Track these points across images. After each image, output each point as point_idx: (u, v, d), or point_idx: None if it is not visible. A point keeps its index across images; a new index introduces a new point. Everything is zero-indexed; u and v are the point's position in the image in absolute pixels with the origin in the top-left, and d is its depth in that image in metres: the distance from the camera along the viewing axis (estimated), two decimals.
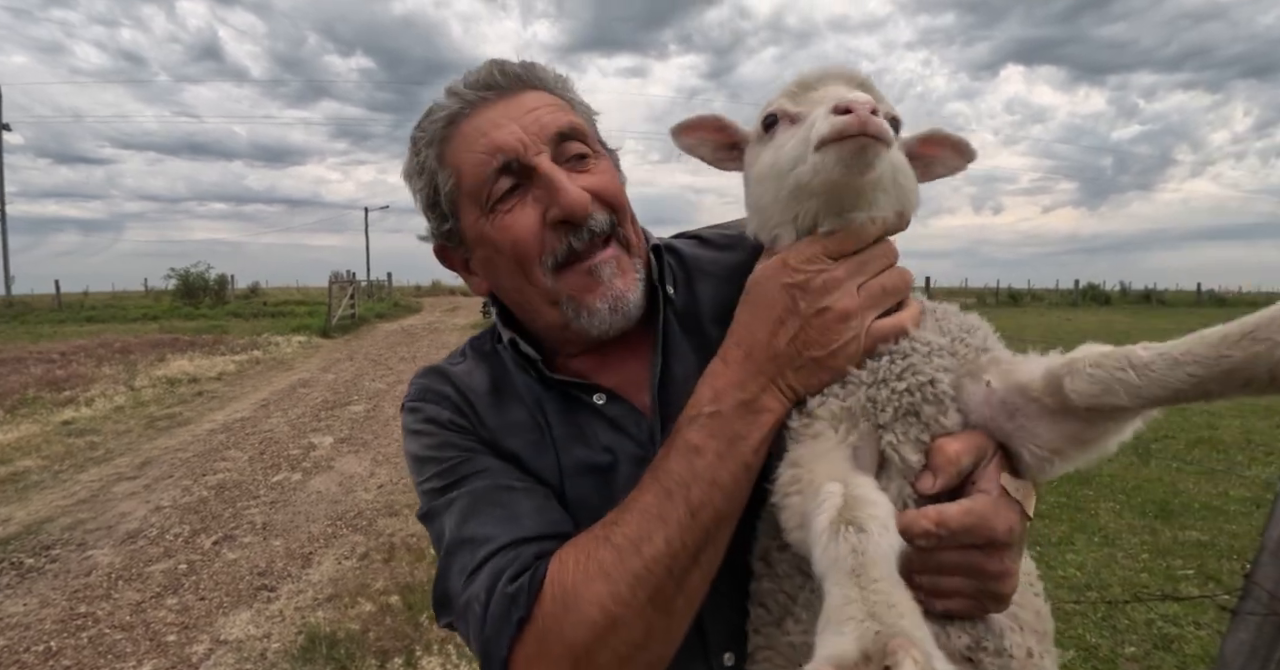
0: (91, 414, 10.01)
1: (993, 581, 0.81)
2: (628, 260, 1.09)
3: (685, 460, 0.88)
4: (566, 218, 1.01)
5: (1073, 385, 0.76)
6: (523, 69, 1.10)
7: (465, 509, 0.99)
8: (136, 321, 25.55)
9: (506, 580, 0.88)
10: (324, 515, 6.07)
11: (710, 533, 0.87)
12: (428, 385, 1.17)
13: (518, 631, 0.85)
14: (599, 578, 0.84)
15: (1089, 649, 3.77)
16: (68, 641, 4.11)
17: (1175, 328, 0.78)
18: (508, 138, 1.02)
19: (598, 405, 1.10)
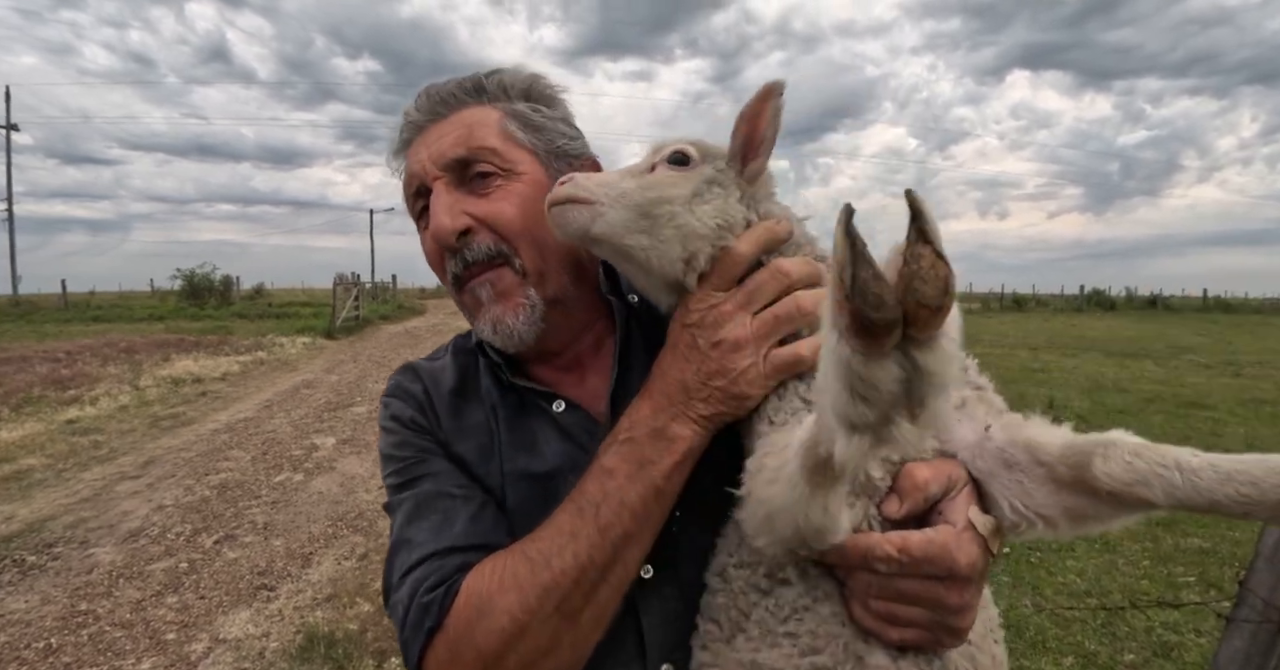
0: (96, 413, 10.05)
1: (951, 615, 0.80)
2: (516, 285, 1.09)
3: (598, 482, 0.93)
4: (436, 242, 1.09)
5: (1105, 468, 0.74)
6: (456, 88, 1.14)
7: (410, 511, 1.05)
8: (142, 321, 25.66)
9: (425, 590, 0.93)
10: (325, 516, 6.08)
11: (618, 550, 0.91)
12: (400, 382, 1.22)
13: (428, 639, 0.90)
14: (512, 588, 0.89)
15: (1088, 656, 3.75)
16: (68, 639, 4.12)
17: (1181, 333, 0.79)
18: (415, 166, 1.12)
19: (555, 413, 1.12)
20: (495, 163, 1.09)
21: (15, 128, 41.48)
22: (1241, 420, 9.54)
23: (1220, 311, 42.18)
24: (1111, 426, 0.78)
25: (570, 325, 1.15)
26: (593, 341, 1.20)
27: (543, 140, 1.15)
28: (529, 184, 1.11)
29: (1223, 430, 8.99)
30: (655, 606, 1.01)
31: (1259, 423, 9.29)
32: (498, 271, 1.09)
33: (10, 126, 41.01)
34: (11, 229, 41.35)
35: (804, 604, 0.87)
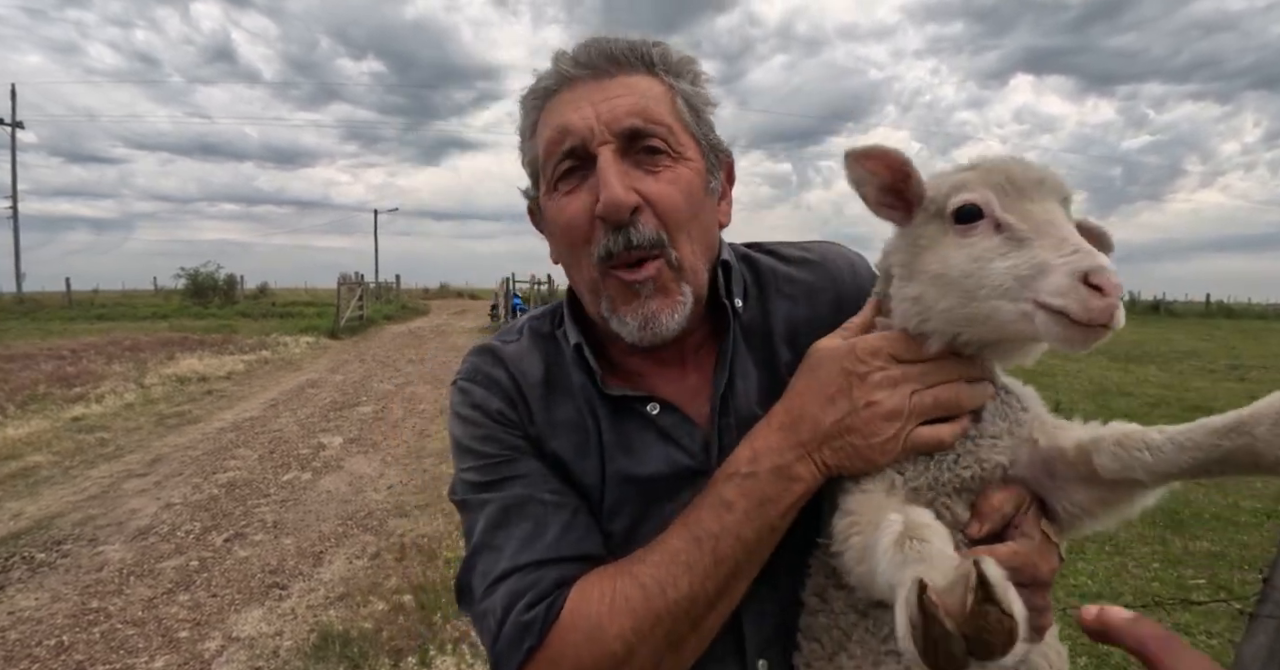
0: (102, 411, 10.06)
1: (1035, 616, 0.85)
2: (674, 285, 1.04)
3: (716, 514, 0.92)
4: (603, 215, 0.99)
5: (1099, 461, 0.83)
6: (628, 49, 1.04)
7: (496, 514, 1.01)
8: (146, 320, 25.69)
9: (524, 606, 0.92)
10: (334, 515, 6.08)
11: (730, 583, 0.92)
12: (479, 366, 1.16)
13: (527, 657, 0.90)
14: (625, 613, 0.89)
15: (1101, 656, 3.76)
16: (79, 636, 4.12)
17: (1185, 338, 0.82)
18: (578, 122, 1.00)
19: (651, 415, 1.08)
20: (670, 141, 1.02)
21: (20, 125, 41.56)
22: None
23: (1223, 317, 42.14)
24: None
25: (691, 324, 1.08)
26: (698, 339, 1.15)
27: (702, 129, 1.08)
28: (695, 172, 1.05)
29: None
30: (753, 606, 1.01)
31: None
32: (656, 264, 1.02)
33: (15, 124, 41.08)
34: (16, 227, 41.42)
35: None
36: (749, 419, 1.03)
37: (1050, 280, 0.76)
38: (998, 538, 0.89)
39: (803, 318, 1.14)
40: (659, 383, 1.13)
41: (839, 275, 1.19)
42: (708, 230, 1.08)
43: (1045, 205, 0.84)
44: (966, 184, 0.88)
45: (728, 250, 1.18)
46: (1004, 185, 0.86)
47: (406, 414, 10.16)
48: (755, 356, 1.12)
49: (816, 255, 1.22)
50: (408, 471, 7.28)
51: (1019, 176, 0.86)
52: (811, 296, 1.17)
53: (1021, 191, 0.85)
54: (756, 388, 1.08)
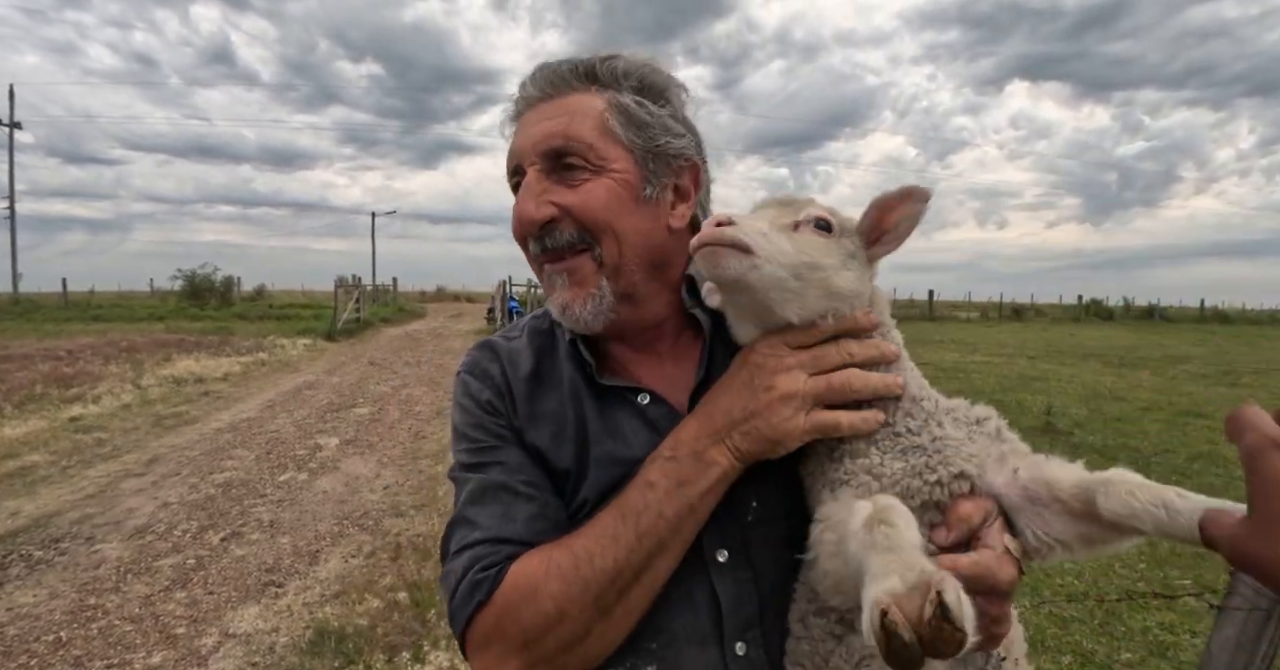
0: (99, 411, 10.09)
1: (992, 624, 0.93)
2: (591, 274, 1.13)
3: (641, 493, 1.01)
4: (515, 223, 1.15)
5: (1106, 503, 0.87)
6: (571, 70, 1.15)
7: (475, 492, 1.13)
8: (142, 321, 25.68)
9: (479, 568, 1.04)
10: (331, 514, 6.13)
11: (651, 557, 1.00)
12: (478, 359, 1.27)
13: (476, 610, 1.01)
14: (557, 578, 0.99)
15: (1085, 655, 3.81)
16: (78, 632, 4.17)
17: (1178, 343, 0.87)
18: (517, 146, 1.15)
19: (641, 405, 1.16)
20: (587, 157, 1.11)
21: (18, 126, 41.53)
22: None
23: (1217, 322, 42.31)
24: (1108, 434, 0.90)
25: (641, 318, 1.18)
26: (671, 330, 1.23)
27: (643, 138, 1.14)
28: (618, 180, 1.12)
29: (1219, 438, 9.04)
30: (731, 589, 1.07)
31: None
32: (579, 259, 1.13)
33: (13, 125, 41.06)
34: (13, 227, 41.37)
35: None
36: None
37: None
38: (964, 546, 0.95)
39: None
40: (643, 372, 1.22)
41: None
42: (642, 233, 1.15)
43: (755, 212, 1.06)
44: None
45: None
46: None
47: (403, 415, 10.21)
48: (733, 352, 1.17)
49: None
50: (404, 472, 7.33)
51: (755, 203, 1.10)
52: None
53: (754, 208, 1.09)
54: None
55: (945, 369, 15.50)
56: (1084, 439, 8.94)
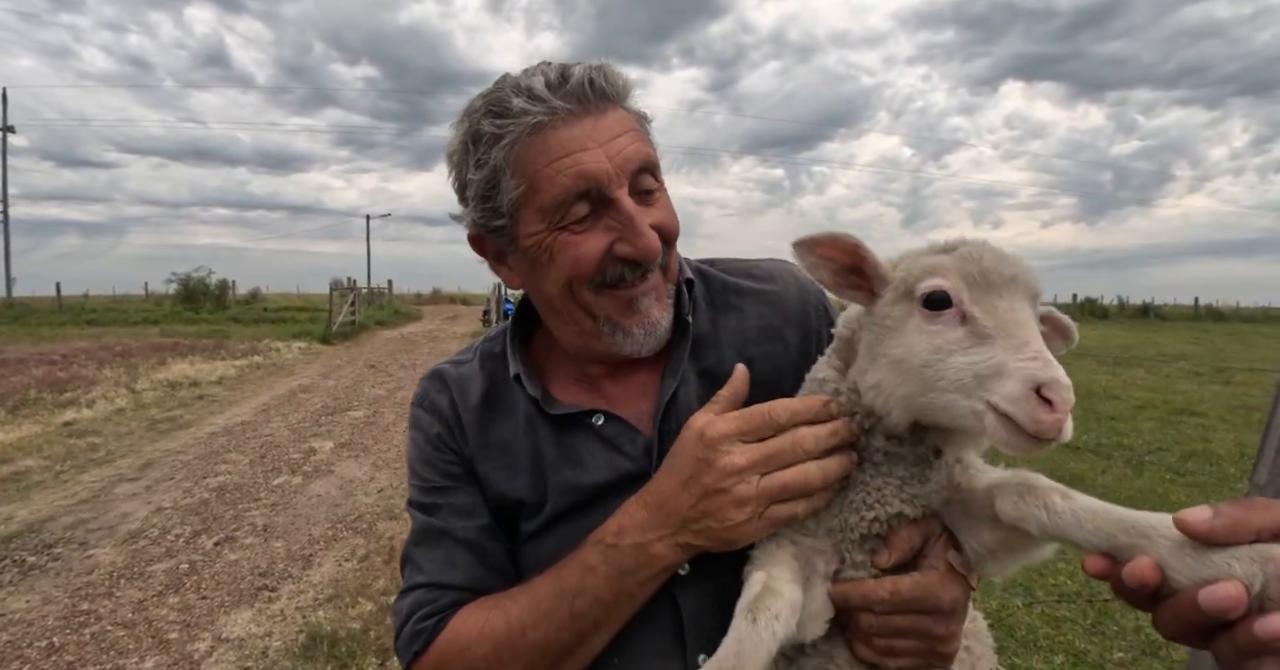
0: (93, 415, 10.07)
1: (939, 643, 0.94)
2: (664, 287, 1.15)
3: (580, 574, 1.01)
4: (639, 260, 1.06)
5: (1000, 505, 0.86)
6: (607, 82, 1.07)
7: (420, 533, 1.19)
8: (137, 325, 25.63)
9: (420, 617, 1.09)
10: (324, 518, 6.12)
11: (585, 635, 1.02)
12: (427, 391, 1.27)
13: (414, 659, 1.08)
14: (489, 642, 1.04)
15: (1078, 654, 3.82)
16: (70, 638, 4.16)
17: (1173, 341, 0.86)
18: (595, 167, 1.02)
19: (595, 426, 1.15)
20: (657, 176, 1.11)
21: (11, 130, 41.44)
22: (1231, 427, 9.64)
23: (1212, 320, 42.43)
24: (1102, 433, 0.89)
25: None
26: None
27: (654, 147, 1.15)
28: (666, 191, 1.14)
29: (1212, 436, 9.09)
30: (693, 603, 1.07)
31: (1248, 429, 9.38)
32: (656, 276, 1.12)
33: (6, 128, 40.95)
34: (6, 231, 41.30)
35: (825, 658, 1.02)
36: None
37: (1005, 385, 0.76)
38: (911, 564, 0.96)
39: (751, 328, 1.23)
40: (613, 388, 1.22)
41: (785, 291, 1.27)
42: None
43: (1014, 303, 0.84)
44: (939, 269, 0.88)
45: (687, 267, 1.26)
46: (976, 277, 0.85)
47: (398, 418, 10.18)
48: (699, 365, 1.19)
49: (765, 272, 1.31)
50: (398, 475, 7.31)
51: (992, 270, 0.85)
52: (760, 309, 1.25)
53: (992, 286, 0.85)
54: (696, 395, 1.15)
55: None
56: (1078, 438, 8.93)
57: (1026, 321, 0.82)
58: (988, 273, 0.85)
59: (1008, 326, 0.81)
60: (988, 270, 0.85)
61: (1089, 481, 7.13)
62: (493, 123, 1.05)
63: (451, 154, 1.14)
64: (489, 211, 1.10)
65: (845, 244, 0.94)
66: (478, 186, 1.09)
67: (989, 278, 0.85)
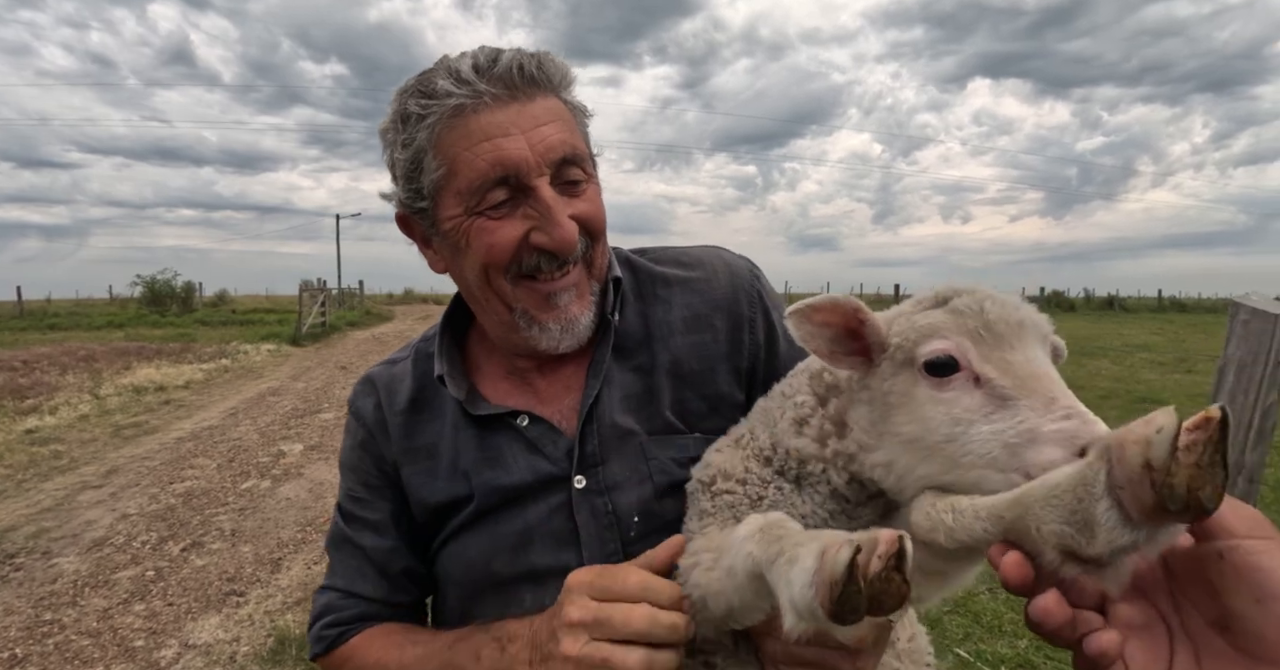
0: (55, 422, 9.88)
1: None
2: (586, 284, 1.14)
3: (466, 658, 1.03)
4: (554, 250, 1.06)
5: (914, 519, 0.77)
6: (538, 69, 1.06)
7: (338, 538, 1.26)
8: (101, 329, 25.15)
9: (327, 623, 1.19)
10: (294, 521, 6.06)
11: None
12: (356, 394, 1.30)
13: (314, 658, 1.21)
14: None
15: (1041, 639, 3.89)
16: (33, 648, 4.09)
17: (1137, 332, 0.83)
18: (514, 153, 1.01)
19: (520, 427, 1.16)
20: (585, 167, 1.09)
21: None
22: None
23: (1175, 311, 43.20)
24: None
25: None
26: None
27: (586, 135, 1.15)
28: (597, 185, 1.13)
29: None
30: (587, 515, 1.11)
31: None
32: (577, 270, 1.11)
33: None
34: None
35: None
36: (610, 426, 1.14)
37: (1043, 452, 0.68)
38: None
39: (678, 319, 1.23)
40: (541, 382, 1.22)
41: (714, 278, 1.27)
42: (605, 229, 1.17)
43: (1028, 353, 0.76)
44: (938, 329, 0.79)
45: (615, 263, 1.25)
46: (980, 332, 0.77)
47: None
48: (629, 363, 1.20)
49: (693, 259, 1.30)
50: None
51: (996, 320, 0.77)
52: (687, 298, 1.25)
53: (1000, 338, 0.76)
54: (623, 395, 1.16)
55: None
56: None
57: (1046, 373, 0.74)
58: (992, 325, 0.77)
59: (1028, 382, 0.72)
60: (992, 322, 0.77)
61: None
62: (418, 102, 1.04)
63: (384, 131, 1.13)
64: (413, 192, 1.10)
65: (846, 308, 0.84)
66: (403, 166, 1.09)
67: (995, 329, 0.76)
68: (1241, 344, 1.91)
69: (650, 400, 1.16)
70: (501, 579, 1.12)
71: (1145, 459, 0.52)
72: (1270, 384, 1.86)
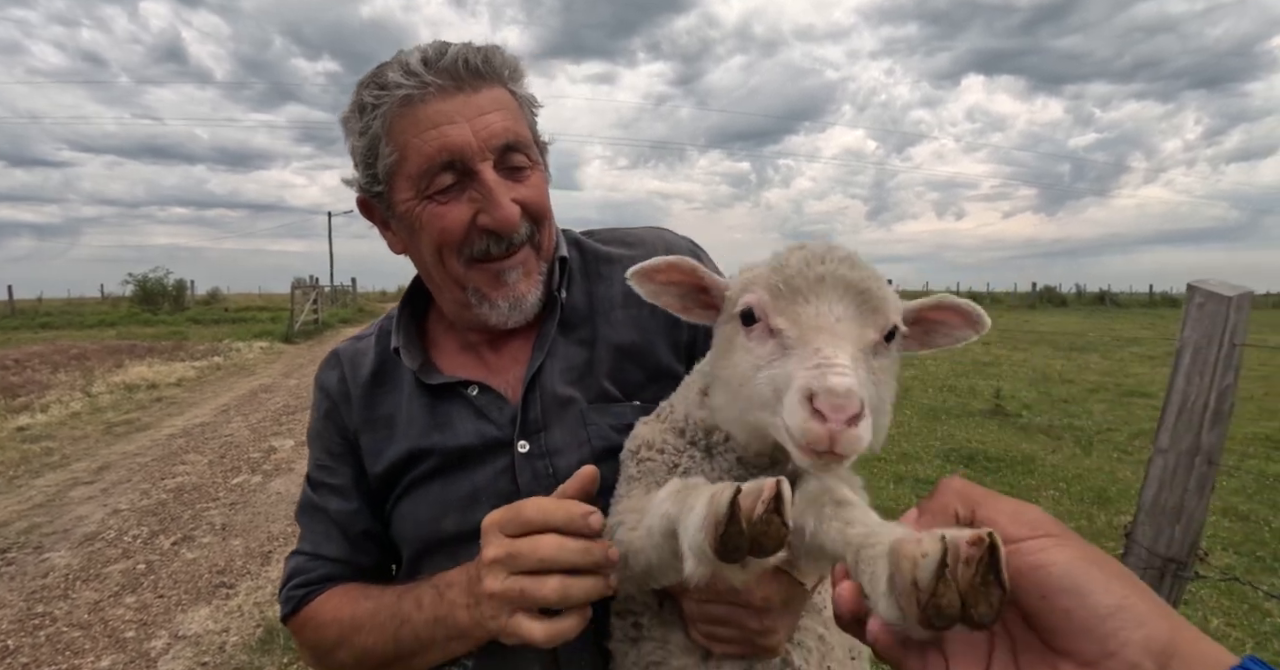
0: (47, 420, 9.89)
1: (756, 636, 0.98)
2: (535, 263, 1.22)
3: (411, 607, 1.09)
4: (496, 230, 1.13)
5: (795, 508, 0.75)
6: (484, 62, 1.13)
7: (306, 505, 1.32)
8: (93, 328, 25.08)
9: (294, 585, 1.24)
10: (284, 515, 6.09)
11: (404, 657, 1.10)
12: (323, 369, 1.38)
13: (285, 618, 1.26)
14: (335, 627, 1.16)
15: None
16: (25, 640, 4.13)
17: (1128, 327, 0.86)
18: (458, 139, 1.09)
19: (470, 396, 1.23)
20: (529, 153, 1.17)
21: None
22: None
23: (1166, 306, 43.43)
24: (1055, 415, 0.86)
25: None
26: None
27: (533, 125, 1.23)
28: (543, 171, 1.21)
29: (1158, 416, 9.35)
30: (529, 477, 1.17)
31: None
32: (524, 251, 1.19)
33: None
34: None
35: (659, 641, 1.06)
36: (553, 396, 1.20)
37: (787, 397, 0.73)
38: None
39: (617, 294, 1.30)
40: (491, 355, 1.30)
41: (652, 255, 1.32)
42: (552, 214, 1.25)
43: (822, 306, 0.80)
44: (754, 282, 0.86)
45: (563, 243, 1.33)
46: (780, 285, 0.82)
47: None
48: (573, 336, 1.27)
49: (636, 238, 1.38)
50: None
51: (794, 274, 0.82)
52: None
53: (797, 291, 0.81)
54: (566, 367, 1.23)
55: None
56: (1031, 420, 9.19)
57: (828, 325, 0.78)
58: (791, 279, 0.82)
59: (806, 334, 0.77)
60: (791, 276, 0.82)
61: (1039, 461, 7.33)
62: (372, 93, 1.13)
63: (345, 120, 1.21)
64: (371, 177, 1.18)
65: (683, 267, 0.94)
66: (360, 153, 1.17)
67: (793, 283, 0.82)
68: (1197, 327, 1.97)
69: (590, 371, 1.23)
70: (450, 537, 1.18)
71: (913, 578, 0.54)
72: (1225, 366, 1.92)
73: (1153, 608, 0.51)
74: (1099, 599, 0.51)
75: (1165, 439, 2.07)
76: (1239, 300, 1.96)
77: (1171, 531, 2.00)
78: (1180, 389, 2.04)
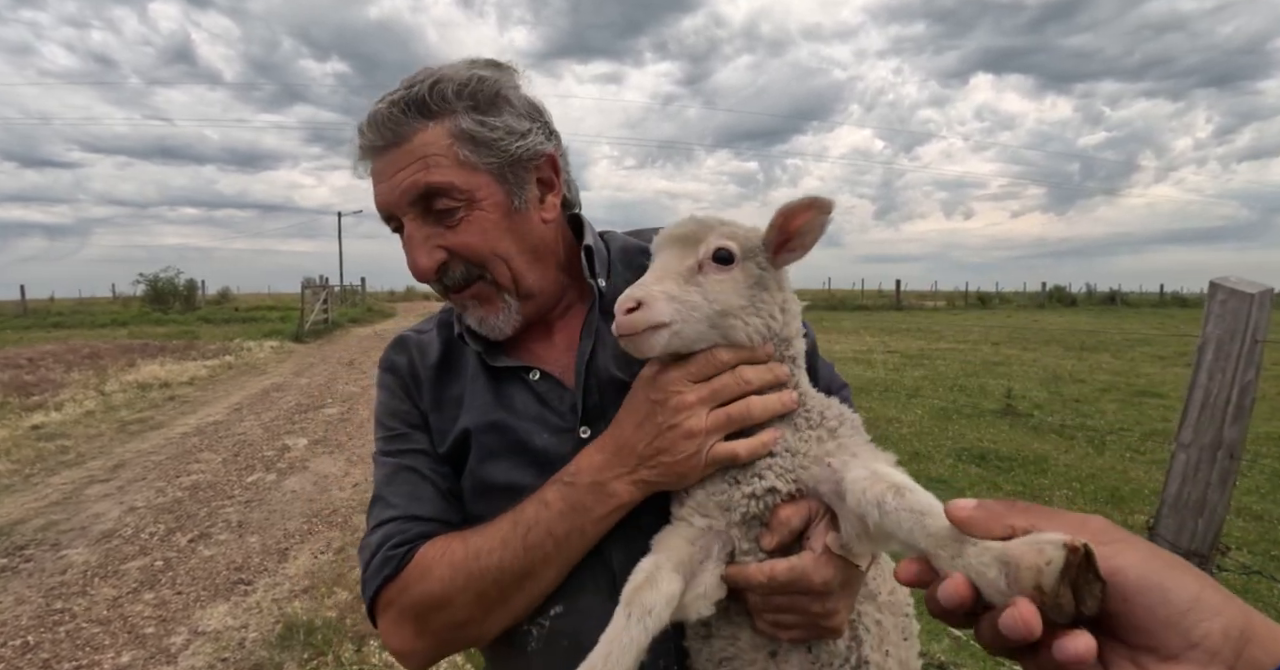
0: (61, 418, 9.95)
1: (819, 619, 1.02)
2: (494, 295, 1.24)
3: (536, 508, 1.10)
4: (416, 275, 1.21)
5: (850, 497, 0.91)
6: (404, 109, 1.14)
7: (389, 473, 1.27)
8: (105, 327, 25.25)
9: (391, 546, 1.17)
10: (300, 513, 6.14)
11: (535, 566, 1.09)
12: (389, 353, 1.40)
13: (383, 583, 1.14)
14: (448, 565, 1.11)
15: None
16: (45, 636, 4.16)
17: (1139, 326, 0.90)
18: (386, 197, 1.18)
19: (531, 381, 1.26)
20: (455, 196, 1.15)
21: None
22: None
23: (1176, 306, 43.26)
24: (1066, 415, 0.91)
25: (542, 305, 1.29)
26: (563, 307, 1.34)
27: (495, 155, 1.18)
28: (489, 208, 1.18)
29: (1173, 416, 9.29)
30: (621, 545, 1.14)
31: None
32: (477, 286, 1.22)
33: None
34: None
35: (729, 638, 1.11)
36: (608, 381, 1.22)
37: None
38: (797, 544, 1.03)
39: None
40: (536, 347, 1.33)
41: None
42: (522, 244, 1.22)
43: (658, 260, 1.10)
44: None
45: (591, 233, 1.36)
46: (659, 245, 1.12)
47: (372, 415, 10.15)
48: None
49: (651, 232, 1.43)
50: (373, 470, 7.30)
51: (656, 242, 1.13)
52: None
53: (659, 248, 1.12)
54: (616, 352, 1.23)
55: (911, 356, 15.72)
56: (1043, 420, 9.17)
57: (654, 267, 1.08)
58: (657, 244, 1.13)
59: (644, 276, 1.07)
60: (655, 243, 1.13)
61: (1052, 461, 7.31)
62: (357, 138, 1.22)
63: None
64: None
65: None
66: None
67: (656, 246, 1.13)
68: (1219, 323, 1.99)
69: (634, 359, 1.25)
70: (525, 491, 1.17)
71: (1037, 583, 0.58)
72: (1247, 361, 1.93)
73: (1225, 597, 0.54)
74: (1177, 594, 0.54)
75: (1188, 434, 2.08)
76: (1261, 297, 1.97)
77: (1194, 525, 2.01)
78: (1203, 384, 2.05)
